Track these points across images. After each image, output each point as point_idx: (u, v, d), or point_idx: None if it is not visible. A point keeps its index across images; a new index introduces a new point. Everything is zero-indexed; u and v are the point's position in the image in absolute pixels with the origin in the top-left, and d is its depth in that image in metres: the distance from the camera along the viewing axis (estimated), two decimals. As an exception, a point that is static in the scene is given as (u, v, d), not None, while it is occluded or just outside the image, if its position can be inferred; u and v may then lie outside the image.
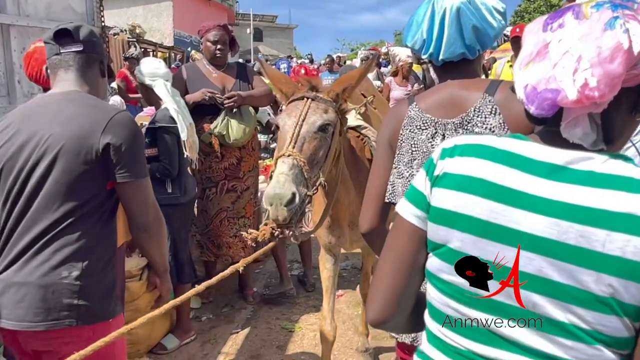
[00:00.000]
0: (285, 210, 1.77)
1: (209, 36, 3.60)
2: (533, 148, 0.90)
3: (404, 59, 6.93)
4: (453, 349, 0.95)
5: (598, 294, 0.79)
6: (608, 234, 0.78)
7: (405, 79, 6.92)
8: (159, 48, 13.49)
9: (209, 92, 3.41)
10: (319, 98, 2.04)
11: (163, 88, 2.89)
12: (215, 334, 3.45)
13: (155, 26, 17.79)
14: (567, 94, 0.81)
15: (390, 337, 3.40)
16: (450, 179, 0.95)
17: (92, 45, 1.72)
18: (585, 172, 0.84)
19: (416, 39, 1.51)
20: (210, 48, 3.59)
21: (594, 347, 0.82)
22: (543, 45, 0.86)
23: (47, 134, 1.55)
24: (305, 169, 1.86)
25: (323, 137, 1.99)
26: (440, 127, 1.50)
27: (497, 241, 0.88)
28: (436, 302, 0.98)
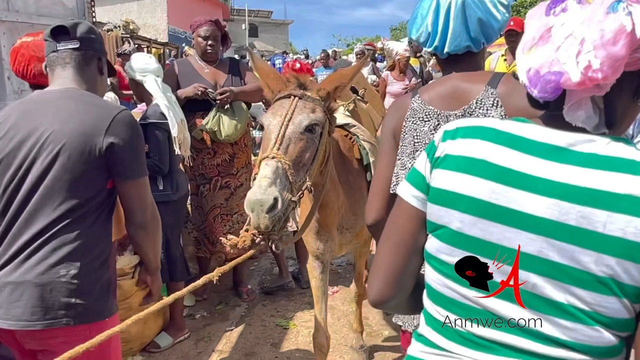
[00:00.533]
0: (266, 218, 1.68)
1: (200, 32, 3.57)
2: (535, 130, 0.90)
3: (401, 52, 6.86)
4: (452, 331, 0.95)
5: (598, 274, 0.80)
6: (609, 215, 0.79)
7: (403, 73, 6.82)
8: (153, 44, 13.40)
9: (201, 87, 3.37)
10: (307, 97, 1.96)
11: (154, 84, 2.85)
12: (209, 331, 3.43)
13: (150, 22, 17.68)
14: (570, 76, 0.81)
15: (384, 334, 3.39)
16: (451, 161, 0.95)
17: (89, 42, 1.71)
18: (587, 154, 0.84)
19: (421, 32, 1.52)
20: (201, 44, 3.56)
21: (593, 328, 0.83)
22: (546, 30, 0.86)
23: (47, 130, 1.54)
24: (290, 172, 1.77)
25: (310, 138, 1.90)
26: (442, 118, 1.51)
27: (498, 222, 0.88)
28: (435, 283, 0.98)
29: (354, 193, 2.49)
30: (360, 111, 2.75)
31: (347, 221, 2.52)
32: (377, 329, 3.47)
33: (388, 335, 3.38)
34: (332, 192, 2.30)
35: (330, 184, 2.24)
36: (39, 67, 2.02)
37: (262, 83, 2.12)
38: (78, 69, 1.69)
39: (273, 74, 2.13)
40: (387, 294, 1.06)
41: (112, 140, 1.57)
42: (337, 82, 2.02)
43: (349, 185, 2.45)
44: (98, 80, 1.77)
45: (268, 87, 2.08)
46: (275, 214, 1.70)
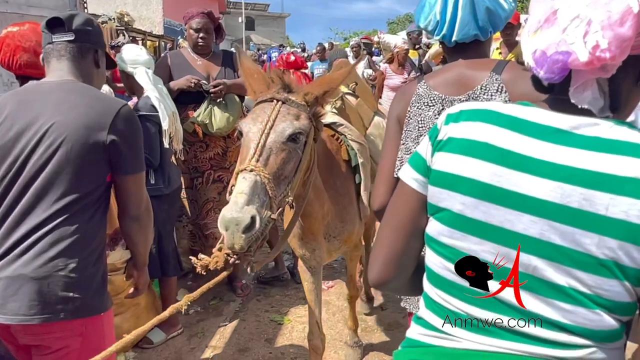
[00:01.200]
0: (242, 238, 1.53)
1: (192, 24, 3.51)
2: (539, 113, 0.90)
3: (400, 45, 6.77)
4: (452, 313, 0.95)
5: (599, 257, 0.80)
6: (612, 198, 0.79)
7: (402, 66, 6.67)
8: (148, 37, 13.26)
9: (194, 79, 3.31)
10: (291, 101, 1.80)
11: (144, 75, 2.80)
12: (202, 327, 3.39)
13: (145, 14, 17.49)
14: (578, 56, 0.82)
15: (379, 330, 3.36)
16: (454, 143, 0.95)
17: (85, 34, 1.69)
18: (591, 137, 0.84)
19: (429, 20, 1.55)
20: (193, 36, 3.51)
21: (594, 311, 0.83)
22: (552, 12, 0.86)
23: (48, 122, 1.52)
24: (269, 186, 1.61)
25: (293, 148, 1.74)
26: (447, 104, 1.54)
27: (500, 204, 0.88)
28: (435, 266, 0.98)
29: (341, 199, 2.35)
30: (349, 108, 2.61)
31: (333, 229, 2.38)
32: (373, 325, 3.44)
33: (384, 331, 3.35)
34: (316, 202, 2.16)
35: (313, 194, 2.09)
36: (24, 57, 2.00)
37: (245, 83, 1.98)
38: (73, 62, 1.68)
39: (257, 73, 1.96)
40: (386, 275, 1.07)
41: (115, 135, 1.57)
42: (327, 86, 1.87)
43: (336, 191, 2.31)
44: (94, 73, 1.75)
45: (251, 87, 1.94)
46: (252, 234, 1.54)
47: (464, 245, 0.92)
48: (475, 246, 0.91)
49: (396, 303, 3.62)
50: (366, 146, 2.55)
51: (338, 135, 2.45)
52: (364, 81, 3.00)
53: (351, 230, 2.47)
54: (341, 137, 2.45)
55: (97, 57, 1.75)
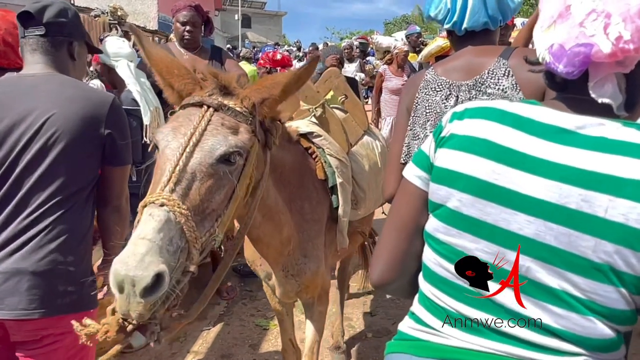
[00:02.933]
0: (141, 305, 1.08)
1: (178, 17, 3.41)
2: (544, 112, 0.89)
3: (400, 46, 6.63)
4: (442, 310, 0.94)
5: (595, 260, 0.78)
6: (611, 200, 0.77)
7: (401, 68, 6.47)
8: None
9: None
10: (227, 108, 1.37)
11: (126, 69, 2.69)
12: (184, 331, 3.27)
13: (140, 9, 17.33)
14: (601, 47, 0.79)
15: (367, 335, 3.26)
16: (455, 140, 0.94)
17: (57, 27, 1.64)
18: (595, 137, 0.82)
19: (440, 9, 1.58)
20: (179, 29, 3.41)
21: (586, 317, 0.80)
22: (564, 8, 0.85)
23: (43, 114, 1.50)
24: (188, 226, 1.17)
25: (226, 172, 1.30)
26: (454, 88, 1.57)
27: (496, 202, 0.86)
28: (430, 262, 0.97)
29: (308, 227, 1.92)
30: (330, 118, 2.25)
31: (292, 265, 1.92)
32: (361, 331, 3.33)
33: (372, 338, 3.25)
34: (269, 224, 1.74)
35: (264, 215, 1.68)
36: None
37: (160, 79, 1.49)
38: (46, 55, 1.64)
39: (177, 66, 1.46)
40: (388, 276, 1.05)
41: (111, 128, 1.60)
42: (265, 92, 1.44)
43: (302, 216, 1.90)
44: (70, 66, 1.70)
45: (170, 87, 1.47)
46: (157, 296, 1.09)
47: (459, 243, 0.91)
48: (470, 244, 0.90)
49: (386, 309, 3.52)
50: (348, 164, 2.18)
51: (314, 150, 2.08)
52: (354, 94, 2.63)
53: (314, 271, 1.97)
54: (318, 150, 2.07)
55: (72, 49, 1.69)
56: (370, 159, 2.48)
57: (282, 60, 6.17)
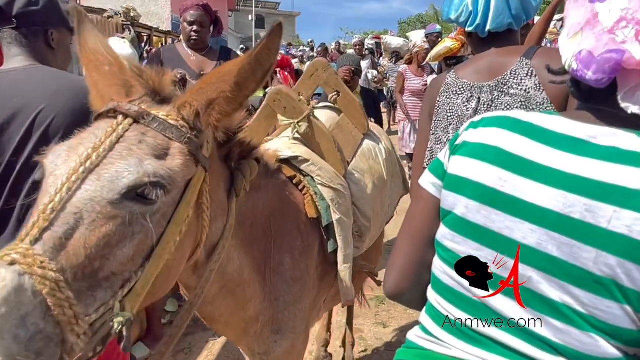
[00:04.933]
0: None
1: (186, 16, 3.32)
2: (558, 122, 0.88)
3: (420, 44, 6.39)
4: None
5: (596, 273, 0.76)
6: (616, 211, 0.75)
7: (421, 68, 6.20)
8: (154, 33, 13.13)
9: (179, 72, 3.09)
10: (153, 118, 0.99)
11: (127, 71, 2.58)
12: (190, 342, 3.17)
13: (153, 10, 17.35)
14: (633, 54, 0.77)
15: (379, 349, 3.12)
16: (467, 147, 0.94)
17: (28, 17, 1.58)
18: (607, 147, 0.81)
19: (461, 12, 1.55)
20: (187, 29, 3.31)
21: (587, 334, 0.78)
22: (592, 15, 0.83)
23: (33, 111, 1.47)
24: (57, 298, 0.78)
25: (136, 214, 0.89)
26: (475, 90, 1.54)
27: (501, 210, 0.86)
28: (437, 271, 0.97)
29: (288, 290, 1.47)
30: (319, 134, 1.78)
31: (261, 343, 1.49)
32: (372, 343, 3.20)
33: (383, 350, 3.11)
34: (228, 300, 1.32)
35: (222, 287, 1.27)
36: None
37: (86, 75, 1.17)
38: (22, 47, 1.60)
39: (110, 63, 1.10)
40: (402, 286, 1.03)
41: None
42: (212, 90, 1.03)
43: (281, 276, 1.45)
44: (49, 56, 1.65)
45: (96, 88, 1.12)
46: None
47: (463, 250, 0.91)
48: (474, 252, 0.89)
49: (399, 321, 3.38)
50: (346, 192, 1.74)
51: (301, 178, 1.64)
52: (348, 90, 2.17)
53: (287, 350, 1.51)
54: (305, 179, 1.64)
55: (48, 38, 1.63)
56: (374, 173, 2.06)
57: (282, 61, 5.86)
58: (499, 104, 1.51)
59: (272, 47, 0.99)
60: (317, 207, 1.61)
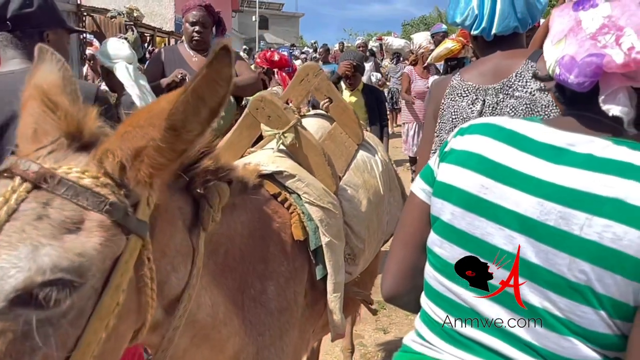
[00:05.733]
0: None
1: (188, 17, 3.26)
2: (539, 130, 0.90)
3: (425, 45, 6.34)
4: (436, 324, 0.96)
5: (571, 279, 0.78)
6: (589, 218, 0.77)
7: (426, 69, 6.16)
8: (157, 33, 13.13)
9: (180, 72, 3.04)
10: (60, 181, 0.73)
11: (124, 71, 2.56)
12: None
13: (157, 10, 17.35)
14: (614, 57, 0.79)
15: (379, 355, 3.07)
16: (454, 155, 0.96)
17: (23, 19, 1.59)
18: (583, 154, 0.83)
19: (466, 15, 1.55)
20: (189, 30, 3.25)
21: (566, 338, 0.80)
22: (576, 23, 0.86)
23: None
24: None
25: (33, 325, 0.67)
26: (480, 93, 1.55)
27: (483, 216, 0.88)
28: (428, 277, 0.99)
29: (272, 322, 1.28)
30: (307, 146, 1.60)
31: None
32: (372, 349, 3.15)
33: (384, 356, 3.06)
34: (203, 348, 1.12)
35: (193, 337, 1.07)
36: None
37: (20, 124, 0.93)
38: (17, 50, 1.60)
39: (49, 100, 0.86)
40: (397, 289, 1.06)
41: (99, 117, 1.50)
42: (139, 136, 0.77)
43: (264, 307, 1.26)
44: None
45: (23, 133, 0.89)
46: None
47: (449, 255, 0.93)
48: (459, 257, 0.91)
49: (399, 326, 3.33)
50: (337, 211, 1.56)
51: (286, 195, 1.46)
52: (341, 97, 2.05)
53: None
54: (292, 197, 1.47)
55: (44, 39, 1.61)
56: (369, 187, 1.88)
57: (280, 61, 5.70)
58: (504, 106, 1.52)
59: (219, 77, 0.74)
60: (305, 228, 1.44)
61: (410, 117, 6.14)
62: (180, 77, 3.00)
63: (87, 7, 10.91)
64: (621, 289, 0.75)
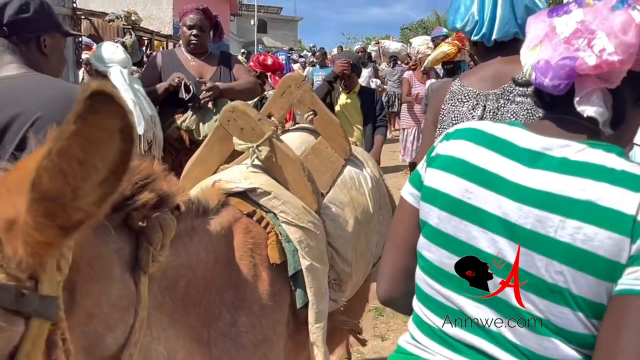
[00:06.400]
0: None
1: (185, 20, 3.24)
2: (519, 134, 0.92)
3: (423, 50, 6.33)
4: (427, 326, 0.98)
5: (549, 281, 0.81)
6: (562, 220, 0.80)
7: (425, 74, 6.13)
8: (155, 36, 13.11)
9: (177, 76, 3.01)
10: None
11: (119, 75, 2.53)
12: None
13: (155, 14, 17.36)
14: (586, 60, 0.82)
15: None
16: (439, 160, 0.99)
17: (19, 25, 1.58)
18: (558, 158, 0.85)
19: (467, 21, 1.55)
20: (186, 34, 3.22)
21: (547, 338, 0.82)
22: (550, 29, 0.89)
23: (29, 118, 1.48)
24: None
25: None
26: (481, 98, 1.55)
27: (468, 220, 0.91)
28: (419, 280, 1.01)
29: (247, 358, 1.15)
30: (284, 160, 1.46)
31: None
32: (370, 357, 3.11)
33: (382, 364, 3.03)
34: None
35: None
36: None
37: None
38: (15, 55, 1.59)
39: None
40: (392, 292, 1.08)
41: None
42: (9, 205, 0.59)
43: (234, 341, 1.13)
44: (42, 62, 1.64)
45: None
46: None
47: (437, 259, 0.95)
48: (446, 260, 0.94)
49: (397, 333, 3.29)
50: (319, 232, 1.43)
51: (262, 214, 1.34)
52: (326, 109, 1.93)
53: None
54: (268, 216, 1.35)
55: (40, 45, 1.62)
56: (357, 205, 1.74)
57: (273, 65, 5.66)
58: (504, 111, 1.52)
59: (101, 131, 0.56)
60: (284, 250, 1.31)
61: (410, 121, 6.11)
62: (177, 81, 2.97)
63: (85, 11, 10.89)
64: (594, 289, 0.78)
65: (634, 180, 0.78)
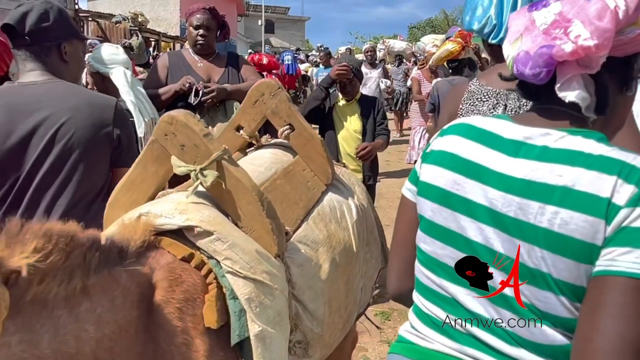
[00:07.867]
0: None
1: (192, 20, 3.18)
2: (505, 126, 0.95)
3: (429, 49, 6.23)
4: (426, 316, 1.01)
5: (530, 266, 0.83)
6: (541, 207, 0.82)
7: (434, 73, 6.05)
8: (162, 38, 13.14)
9: (189, 79, 2.95)
10: None
11: (121, 76, 2.48)
12: None
13: (162, 15, 17.43)
14: (562, 47, 0.84)
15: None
16: (433, 155, 1.02)
17: (41, 33, 1.59)
18: (539, 147, 0.87)
19: (484, 23, 1.53)
20: (193, 34, 3.16)
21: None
22: (530, 22, 0.91)
23: (55, 123, 1.53)
24: None
25: None
26: (502, 97, 1.54)
27: (457, 211, 0.94)
28: (418, 272, 1.04)
29: None
30: (236, 188, 1.14)
31: None
32: (377, 362, 3.05)
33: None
34: None
35: None
36: None
37: None
38: (37, 63, 1.62)
39: None
40: (401, 287, 1.11)
41: (119, 128, 1.64)
42: None
43: None
44: (62, 69, 1.67)
45: None
46: None
47: (431, 250, 0.99)
48: (440, 250, 0.97)
49: (405, 338, 3.23)
50: (277, 285, 1.12)
51: (203, 258, 1.05)
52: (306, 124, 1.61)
53: None
54: (210, 262, 1.05)
55: (61, 52, 1.65)
56: (336, 243, 1.45)
57: (268, 64, 5.66)
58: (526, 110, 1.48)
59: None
60: (227, 310, 1.02)
61: (421, 120, 6.04)
62: (188, 85, 2.91)
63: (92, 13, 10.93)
64: (573, 273, 0.79)
65: (609, 163, 0.79)
